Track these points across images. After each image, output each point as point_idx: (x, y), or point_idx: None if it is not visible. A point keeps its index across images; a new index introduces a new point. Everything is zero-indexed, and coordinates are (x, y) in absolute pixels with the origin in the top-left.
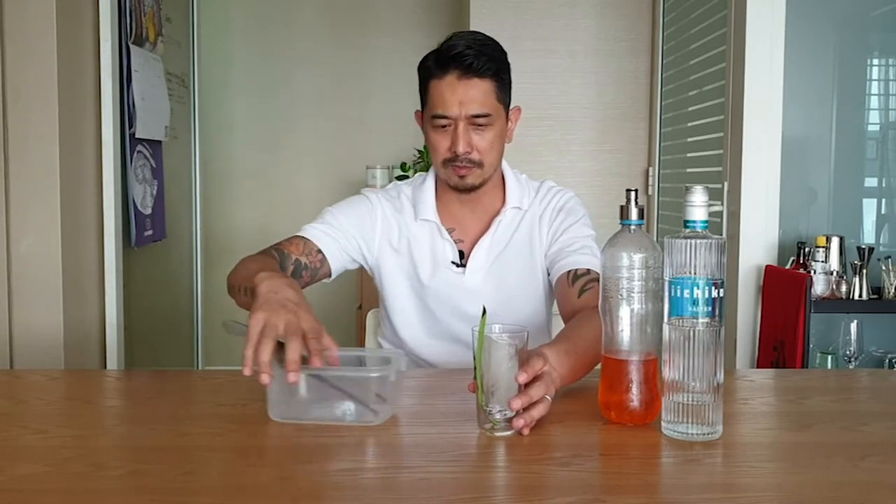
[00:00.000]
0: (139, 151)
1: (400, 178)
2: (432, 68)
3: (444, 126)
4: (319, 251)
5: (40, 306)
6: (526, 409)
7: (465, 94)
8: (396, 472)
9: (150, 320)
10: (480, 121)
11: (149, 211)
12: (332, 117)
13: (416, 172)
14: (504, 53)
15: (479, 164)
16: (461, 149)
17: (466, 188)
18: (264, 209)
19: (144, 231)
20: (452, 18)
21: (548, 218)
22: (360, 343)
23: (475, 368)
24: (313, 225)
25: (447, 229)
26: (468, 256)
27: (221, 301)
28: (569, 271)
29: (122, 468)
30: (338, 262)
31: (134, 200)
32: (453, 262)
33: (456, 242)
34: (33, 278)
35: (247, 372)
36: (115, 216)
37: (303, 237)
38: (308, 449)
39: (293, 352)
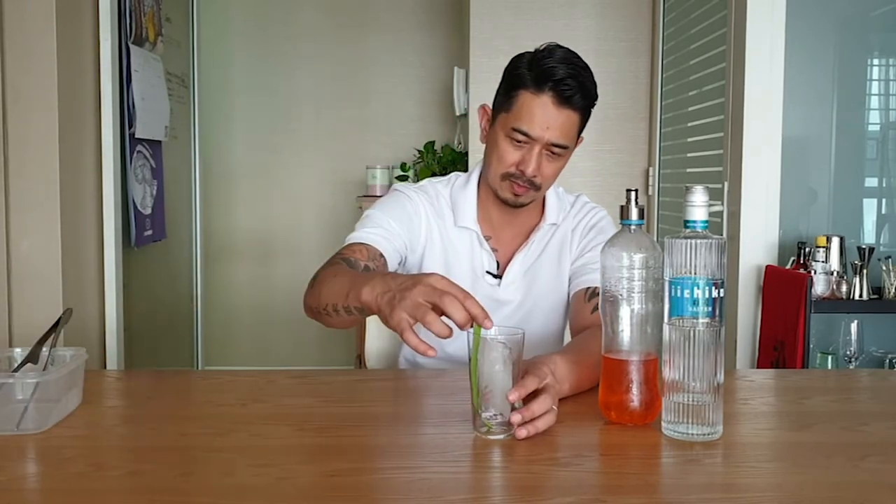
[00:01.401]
0: (139, 151)
1: (400, 178)
2: (528, 80)
3: (519, 141)
4: (381, 255)
5: (40, 306)
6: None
7: (554, 121)
8: (396, 472)
9: (150, 320)
10: (557, 150)
11: (149, 211)
12: (332, 117)
13: (416, 173)
14: (596, 86)
15: (538, 188)
16: (531, 171)
17: (516, 206)
18: (264, 209)
19: (144, 231)
20: (452, 18)
21: (580, 233)
22: (361, 343)
23: (470, 371)
24: (367, 230)
25: (485, 237)
26: (504, 268)
27: (221, 301)
28: (588, 288)
29: (122, 468)
30: (393, 264)
31: (134, 200)
32: (489, 272)
33: (492, 251)
34: (33, 278)
35: (431, 353)
36: (115, 216)
37: (364, 243)
38: (308, 449)
39: (457, 311)
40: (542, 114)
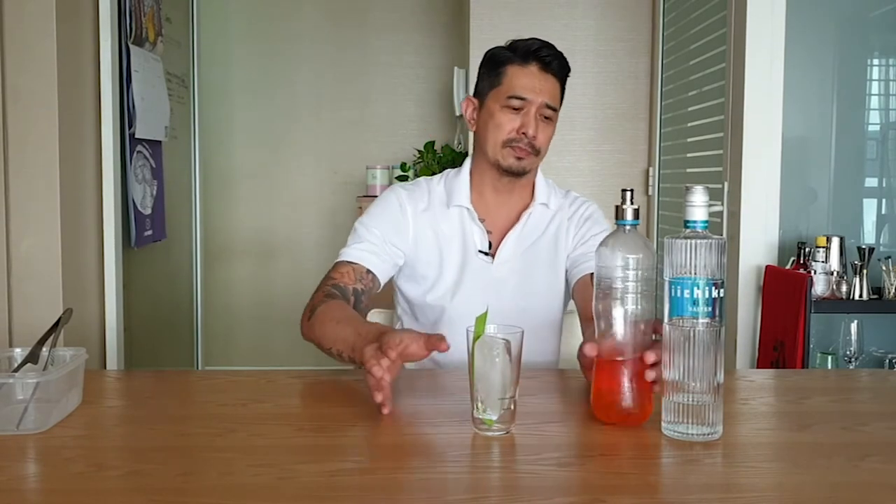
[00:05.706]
0: (139, 151)
1: (400, 178)
2: (512, 56)
3: (516, 108)
4: (368, 271)
5: (40, 306)
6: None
7: (542, 85)
8: (396, 472)
9: (150, 320)
10: (548, 113)
11: (149, 211)
12: (332, 117)
13: (416, 173)
14: (568, 63)
15: (537, 152)
16: (531, 131)
17: (518, 171)
18: (264, 209)
19: (144, 231)
20: (452, 18)
21: (576, 222)
22: None
23: (470, 366)
24: (354, 246)
25: (480, 219)
26: (497, 247)
27: (221, 301)
28: (593, 272)
29: (122, 468)
30: (384, 274)
31: (134, 200)
32: (481, 251)
33: (485, 231)
34: (33, 278)
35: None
36: (115, 216)
37: (349, 262)
38: (308, 449)
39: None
40: (530, 80)
